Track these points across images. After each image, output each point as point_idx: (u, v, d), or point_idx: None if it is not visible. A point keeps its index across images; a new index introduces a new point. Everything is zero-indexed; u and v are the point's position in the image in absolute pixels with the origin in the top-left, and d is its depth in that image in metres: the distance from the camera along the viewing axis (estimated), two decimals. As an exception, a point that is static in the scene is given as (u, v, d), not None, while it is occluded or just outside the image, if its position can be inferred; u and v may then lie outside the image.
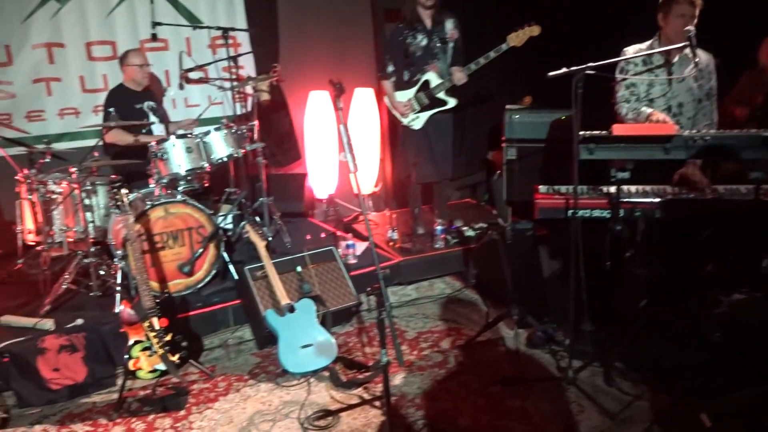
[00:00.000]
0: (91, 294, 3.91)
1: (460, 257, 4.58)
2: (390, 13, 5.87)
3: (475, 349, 3.62)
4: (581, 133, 3.07)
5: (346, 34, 6.05)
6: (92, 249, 3.95)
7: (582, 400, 2.99)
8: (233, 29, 4.97)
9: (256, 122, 4.64)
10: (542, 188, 3.49)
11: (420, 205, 4.97)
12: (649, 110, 3.45)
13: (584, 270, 3.02)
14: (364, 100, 5.81)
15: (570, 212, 3.20)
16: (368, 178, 5.99)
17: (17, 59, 4.93)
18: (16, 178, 4.16)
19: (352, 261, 4.39)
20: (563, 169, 3.38)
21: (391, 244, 4.69)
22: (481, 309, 4.09)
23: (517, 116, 5.11)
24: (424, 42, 4.52)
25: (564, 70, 2.92)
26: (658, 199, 3.24)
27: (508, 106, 5.24)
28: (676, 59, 3.49)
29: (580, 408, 2.95)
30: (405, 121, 4.67)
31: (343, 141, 2.82)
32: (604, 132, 3.13)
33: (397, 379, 3.33)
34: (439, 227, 4.65)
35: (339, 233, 5.01)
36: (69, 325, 3.51)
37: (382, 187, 6.17)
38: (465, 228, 4.79)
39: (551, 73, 2.95)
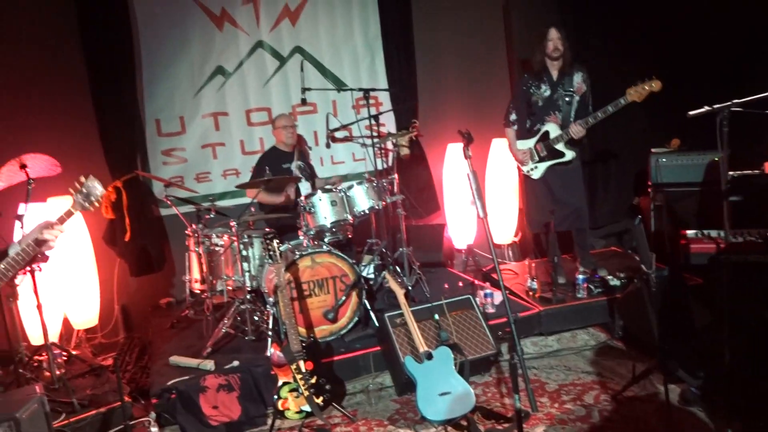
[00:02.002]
0: (246, 338, 4.25)
1: (604, 307, 4.40)
2: (527, 63, 5.95)
3: (622, 404, 3.43)
4: (730, 173, 2.90)
5: (484, 86, 6.21)
6: (248, 296, 4.31)
7: (745, 465, 2.73)
8: (375, 90, 5.31)
9: (396, 176, 4.86)
10: (690, 233, 3.33)
11: (559, 253, 4.87)
12: None
13: (744, 320, 2.79)
14: (502, 150, 5.87)
15: (721, 257, 3.00)
16: (507, 227, 5.98)
17: (189, 128, 5.62)
18: (186, 232, 4.69)
19: (491, 310, 4.38)
20: (716, 212, 3.19)
21: (530, 293, 4.62)
22: (629, 362, 3.88)
23: (663, 160, 4.91)
24: (548, 93, 4.57)
25: (706, 108, 2.80)
26: (826, 243, 2.95)
27: (653, 150, 5.05)
28: None
29: (743, 473, 2.69)
30: (524, 170, 4.72)
31: (472, 188, 2.88)
32: (755, 171, 2.93)
33: None
34: (581, 276, 4.52)
35: (477, 282, 5.02)
36: (227, 366, 3.82)
37: (521, 237, 6.12)
38: (609, 277, 4.61)
39: (692, 112, 2.84)
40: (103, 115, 5.18)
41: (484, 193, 5.97)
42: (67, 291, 4.76)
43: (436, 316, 3.96)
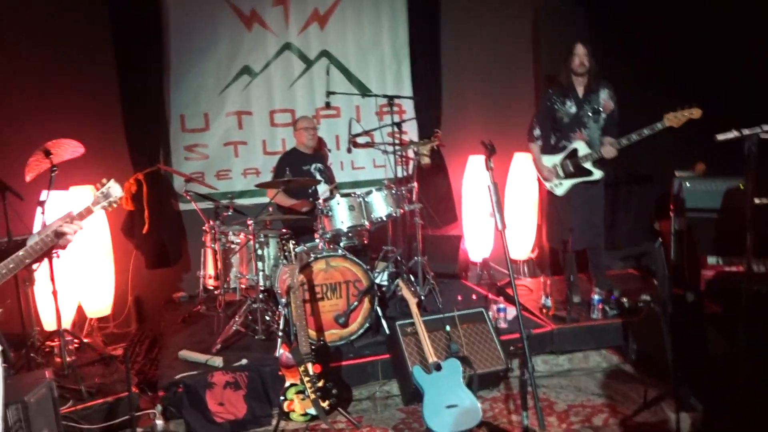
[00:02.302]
0: (256, 337, 4.25)
1: (619, 330, 4.33)
2: (553, 78, 5.93)
3: (631, 429, 3.37)
4: (756, 200, 2.84)
5: (508, 99, 6.19)
6: (260, 296, 4.31)
7: (755, 500, 2.66)
8: (399, 97, 5.30)
9: (415, 184, 4.85)
10: (710, 259, 3.27)
11: (575, 272, 4.82)
12: None
13: (761, 349, 2.73)
14: (523, 164, 5.84)
15: (742, 286, 2.93)
16: (524, 243, 5.94)
17: (213, 125, 5.66)
18: (203, 228, 4.70)
19: (503, 325, 4.35)
20: (739, 240, 3.12)
21: (544, 311, 4.57)
22: (641, 387, 3.82)
23: (687, 184, 4.83)
24: (573, 110, 4.54)
25: (735, 133, 2.74)
26: None
27: (677, 173, 4.98)
28: None
29: (753, 508, 2.63)
30: (547, 185, 4.69)
31: (493, 200, 2.86)
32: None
33: (544, 451, 3.20)
34: (596, 297, 4.46)
35: (491, 296, 4.99)
36: (235, 364, 3.82)
37: (538, 253, 6.06)
38: (625, 299, 4.54)
39: (720, 136, 2.78)
40: (129, 108, 5.23)
41: (504, 207, 5.93)
42: (83, 279, 4.80)
43: (448, 328, 3.93)
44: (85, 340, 4.53)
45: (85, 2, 5.07)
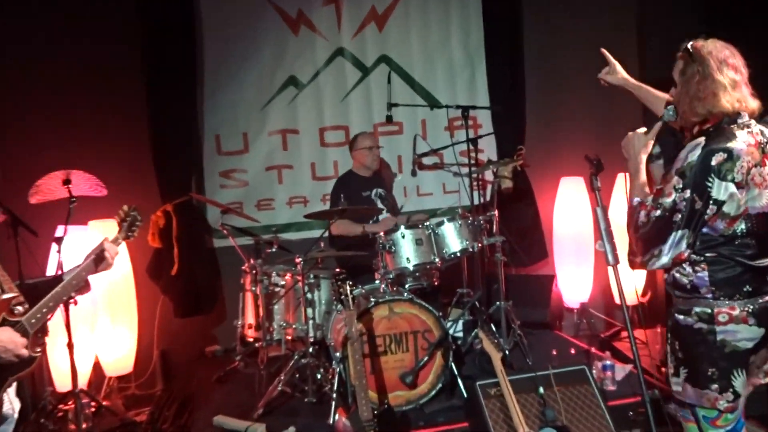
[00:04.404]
0: (305, 399, 4.23)
1: (763, 396, 4.09)
2: (661, 84, 5.76)
3: None
4: None
5: (608, 108, 6.03)
6: (310, 349, 4.29)
7: None
8: (474, 107, 5.26)
9: (495, 212, 4.78)
10: None
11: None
12: None
13: None
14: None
15: None
16: (634, 285, 5.72)
17: (253, 147, 5.77)
18: (243, 268, 4.74)
19: (610, 387, 4.18)
20: None
21: (663, 370, 4.37)
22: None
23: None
24: None
25: None
26: None
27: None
28: None
29: None
30: None
31: (601, 227, 2.74)
32: None
33: None
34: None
35: (593, 351, 4.84)
36: (281, 433, 3.80)
37: (651, 297, 5.84)
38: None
39: None
40: (157, 128, 5.36)
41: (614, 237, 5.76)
42: (101, 330, 4.88)
43: (541, 390, 3.79)
44: (103, 403, 4.60)
45: (110, 6, 5.27)
